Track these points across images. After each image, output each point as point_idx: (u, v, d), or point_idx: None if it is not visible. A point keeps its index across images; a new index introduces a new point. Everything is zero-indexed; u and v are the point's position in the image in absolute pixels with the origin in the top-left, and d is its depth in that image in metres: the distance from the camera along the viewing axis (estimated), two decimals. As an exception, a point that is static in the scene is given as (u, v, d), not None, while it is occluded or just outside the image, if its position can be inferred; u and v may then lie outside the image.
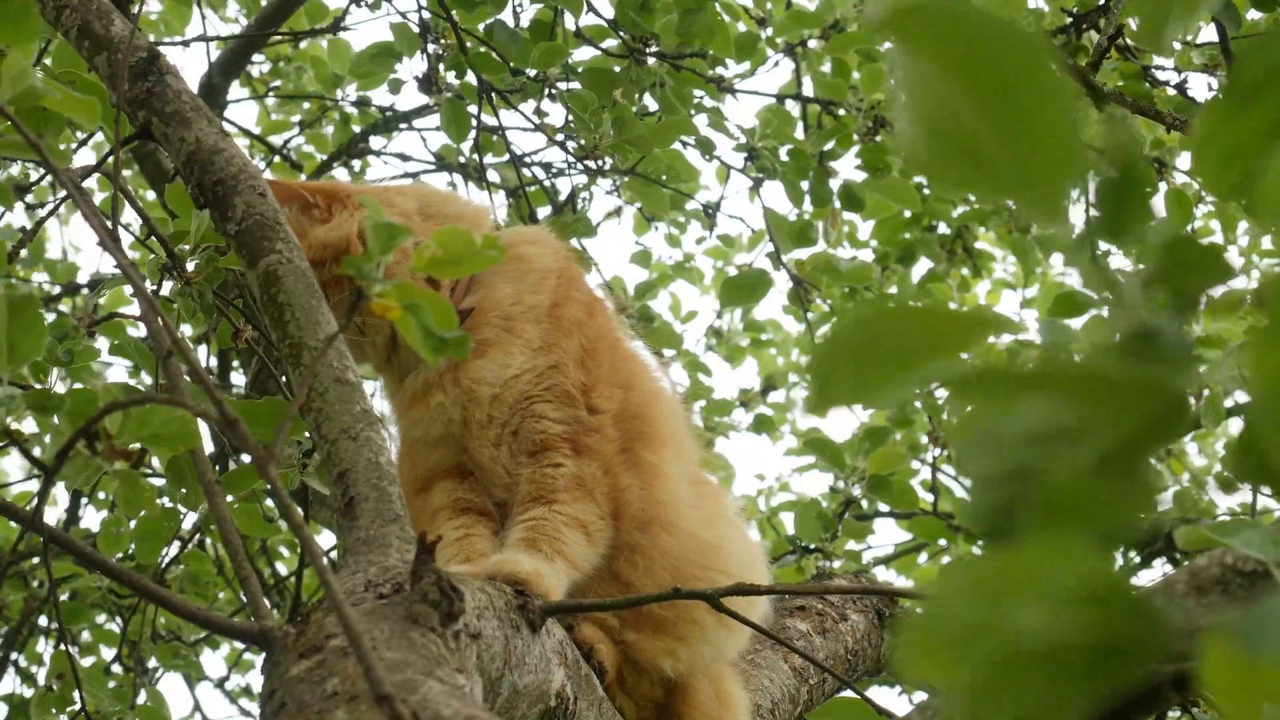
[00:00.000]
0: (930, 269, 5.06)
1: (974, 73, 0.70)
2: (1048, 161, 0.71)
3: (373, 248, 1.31)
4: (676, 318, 5.64)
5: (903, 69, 0.72)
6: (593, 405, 2.34)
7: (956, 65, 0.70)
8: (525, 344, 2.34)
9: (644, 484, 2.35)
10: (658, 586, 2.30)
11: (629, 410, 2.38)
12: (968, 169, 0.73)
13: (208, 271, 2.45)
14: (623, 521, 2.32)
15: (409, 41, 3.67)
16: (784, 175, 4.22)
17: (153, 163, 4.59)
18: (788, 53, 4.47)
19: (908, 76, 0.72)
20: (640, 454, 2.37)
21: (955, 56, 0.70)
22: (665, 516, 2.35)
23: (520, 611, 1.89)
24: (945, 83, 0.71)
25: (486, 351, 2.34)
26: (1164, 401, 0.70)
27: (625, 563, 2.31)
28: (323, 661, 1.43)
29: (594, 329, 2.43)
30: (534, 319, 2.38)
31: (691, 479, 2.48)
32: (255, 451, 1.32)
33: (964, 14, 0.69)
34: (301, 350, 1.96)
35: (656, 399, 2.48)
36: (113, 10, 2.38)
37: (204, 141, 2.21)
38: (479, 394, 2.32)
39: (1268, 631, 0.60)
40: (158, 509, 1.91)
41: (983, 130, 0.71)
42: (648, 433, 2.40)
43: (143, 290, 1.66)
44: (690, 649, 2.38)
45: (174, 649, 4.05)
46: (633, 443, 2.37)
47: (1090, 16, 3.34)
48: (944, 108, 0.71)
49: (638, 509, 2.33)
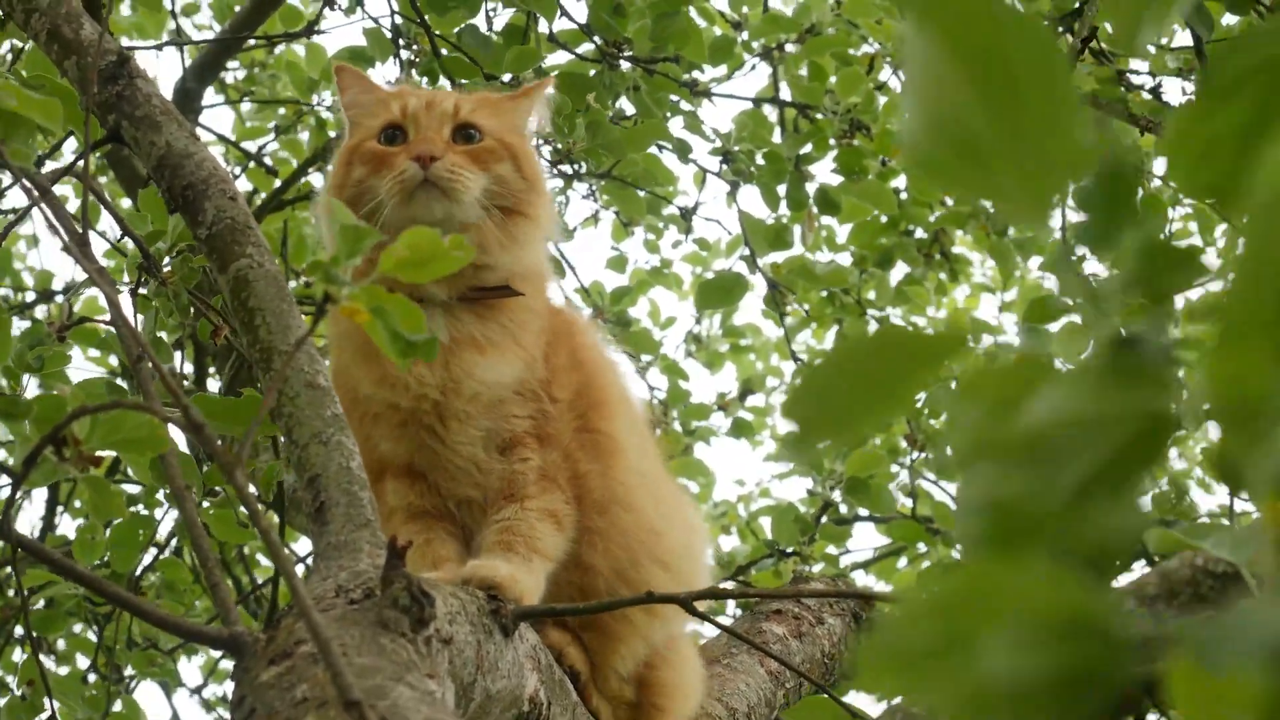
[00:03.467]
0: (908, 273, 5.06)
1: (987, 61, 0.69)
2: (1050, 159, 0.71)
3: (340, 250, 1.31)
4: (655, 324, 5.64)
5: (914, 50, 0.71)
6: (553, 395, 2.31)
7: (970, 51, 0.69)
8: (523, 354, 2.30)
9: (604, 465, 2.34)
10: (613, 567, 2.31)
11: (582, 384, 2.36)
12: (966, 164, 0.72)
13: (183, 272, 2.44)
14: (585, 505, 2.31)
15: (381, 46, 3.66)
16: (760, 179, 4.22)
17: (127, 168, 4.58)
18: (764, 56, 4.47)
19: (918, 59, 0.71)
20: (597, 425, 2.35)
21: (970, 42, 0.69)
22: (623, 496, 2.35)
23: (493, 616, 1.88)
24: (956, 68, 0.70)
25: (487, 350, 2.27)
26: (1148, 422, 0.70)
27: (585, 545, 2.30)
28: (292, 667, 1.42)
29: (554, 320, 2.40)
30: (536, 328, 2.33)
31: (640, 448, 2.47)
32: (222, 456, 1.31)
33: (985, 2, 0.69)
34: (272, 354, 1.95)
35: (606, 368, 2.46)
36: (82, 14, 2.37)
37: (174, 146, 2.20)
38: (463, 387, 2.25)
39: (1228, 644, 0.60)
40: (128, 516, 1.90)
41: (987, 121, 0.71)
42: (600, 400, 2.37)
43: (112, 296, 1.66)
44: (629, 646, 2.38)
45: (150, 656, 4.03)
46: (588, 413, 2.35)
47: (1064, 20, 3.34)
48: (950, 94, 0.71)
49: (599, 494, 2.32)
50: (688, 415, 5.36)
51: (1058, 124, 0.70)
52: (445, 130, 2.27)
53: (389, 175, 2.21)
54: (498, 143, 2.29)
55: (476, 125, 2.29)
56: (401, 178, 2.20)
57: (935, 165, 0.72)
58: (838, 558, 4.82)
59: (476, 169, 2.25)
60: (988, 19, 0.69)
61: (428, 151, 2.20)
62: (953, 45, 0.69)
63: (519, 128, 2.36)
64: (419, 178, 2.20)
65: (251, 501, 1.30)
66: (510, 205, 2.27)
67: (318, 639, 1.13)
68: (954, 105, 0.70)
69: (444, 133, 2.27)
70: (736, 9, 4.40)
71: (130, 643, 3.96)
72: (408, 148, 2.24)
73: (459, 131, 2.28)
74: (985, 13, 0.69)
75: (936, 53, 0.70)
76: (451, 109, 2.29)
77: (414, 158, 2.20)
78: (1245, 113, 0.72)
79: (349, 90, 2.39)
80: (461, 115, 2.29)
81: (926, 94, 0.71)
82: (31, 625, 3.08)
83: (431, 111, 2.28)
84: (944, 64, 0.70)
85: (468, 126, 2.29)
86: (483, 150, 2.27)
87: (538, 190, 2.33)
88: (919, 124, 0.71)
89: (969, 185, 0.72)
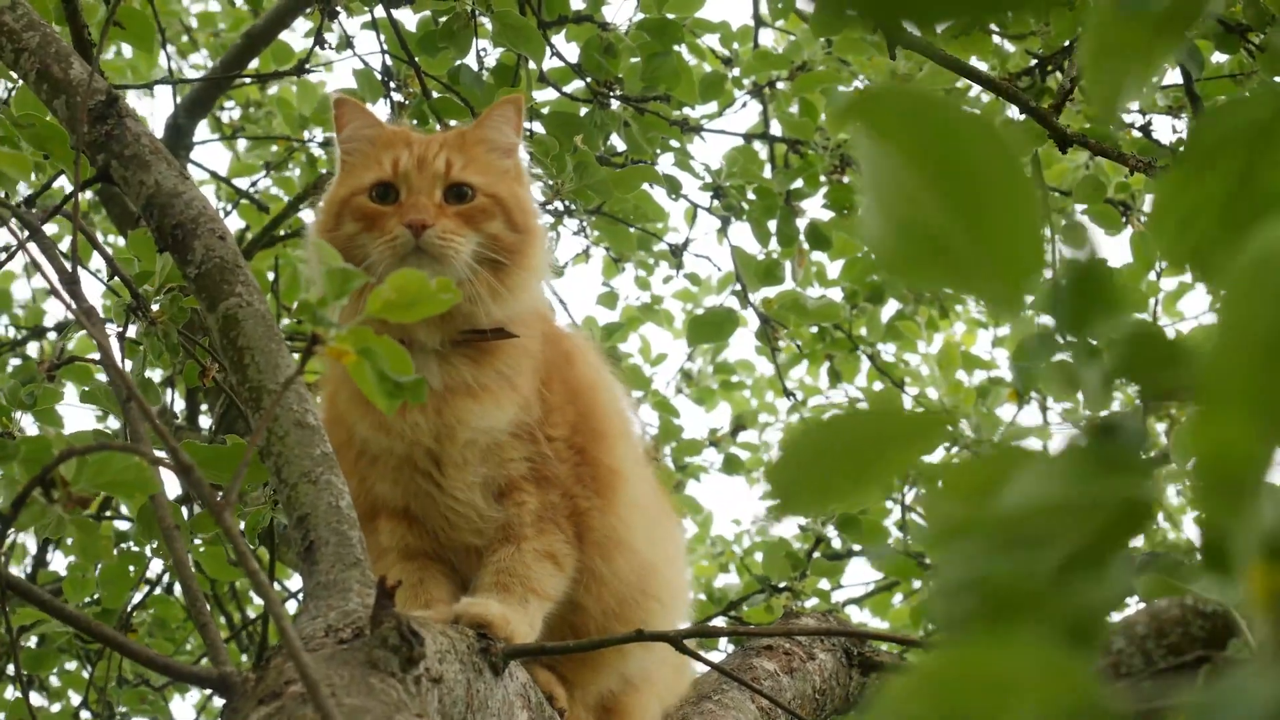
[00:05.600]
0: (899, 309, 5.07)
1: (940, 164, 0.70)
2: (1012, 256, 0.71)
3: (327, 292, 1.31)
4: (646, 360, 5.64)
5: (868, 158, 0.71)
6: (549, 434, 2.31)
7: (922, 156, 0.70)
8: (518, 398, 2.29)
9: (605, 500, 2.34)
10: (603, 609, 2.32)
11: (580, 416, 2.36)
12: (932, 262, 0.72)
13: (172, 311, 2.44)
14: (586, 544, 2.31)
15: (372, 88, 3.67)
16: (751, 215, 4.23)
17: (119, 205, 4.58)
18: (755, 93, 4.48)
19: (873, 166, 0.71)
20: (597, 457, 2.35)
21: (921, 147, 0.70)
22: (624, 536, 2.35)
23: (483, 655, 1.88)
24: (911, 173, 0.70)
25: (481, 396, 2.27)
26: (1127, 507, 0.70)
27: (581, 588, 2.31)
28: (282, 708, 1.42)
29: (549, 353, 2.40)
30: (530, 370, 2.33)
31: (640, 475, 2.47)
32: (210, 498, 1.31)
33: (932, 104, 0.69)
34: (262, 394, 1.95)
35: (606, 397, 2.45)
36: (71, 53, 2.37)
37: (163, 185, 2.20)
38: (457, 434, 2.24)
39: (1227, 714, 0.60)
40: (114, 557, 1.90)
41: (948, 223, 0.71)
42: (599, 430, 2.37)
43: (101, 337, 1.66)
44: (603, 678, 2.40)
45: (141, 694, 4.02)
46: (587, 447, 2.34)
47: (1055, 58, 3.35)
48: (909, 199, 0.71)
49: (600, 534, 2.32)
50: (680, 452, 5.36)
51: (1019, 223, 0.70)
52: (437, 192, 2.27)
53: (381, 238, 2.22)
54: (489, 199, 2.29)
55: (468, 184, 2.29)
56: (394, 243, 2.21)
57: (902, 265, 0.72)
58: (829, 593, 4.82)
59: (468, 230, 2.25)
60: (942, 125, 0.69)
61: (419, 220, 2.21)
62: (908, 151, 0.70)
63: (507, 169, 2.36)
64: (410, 244, 2.21)
65: (241, 542, 1.30)
66: (502, 260, 2.27)
67: (306, 679, 1.13)
68: (914, 208, 0.71)
69: (435, 195, 2.27)
70: (727, 45, 4.41)
71: (121, 680, 3.95)
72: (400, 210, 2.24)
73: (450, 191, 2.29)
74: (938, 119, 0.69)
75: (893, 159, 0.70)
76: (443, 168, 2.28)
77: (406, 224, 2.21)
78: (1225, 181, 0.73)
79: (349, 123, 2.38)
80: (453, 175, 2.28)
81: (886, 197, 0.71)
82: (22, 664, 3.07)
83: (424, 172, 2.28)
84: (901, 169, 0.70)
85: (459, 185, 2.29)
86: (474, 210, 2.28)
87: (530, 238, 2.33)
88: (881, 226, 0.72)
89: (938, 282, 0.73)
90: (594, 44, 3.64)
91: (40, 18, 2.42)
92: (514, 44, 3.36)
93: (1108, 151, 2.98)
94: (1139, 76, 0.79)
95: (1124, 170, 3.63)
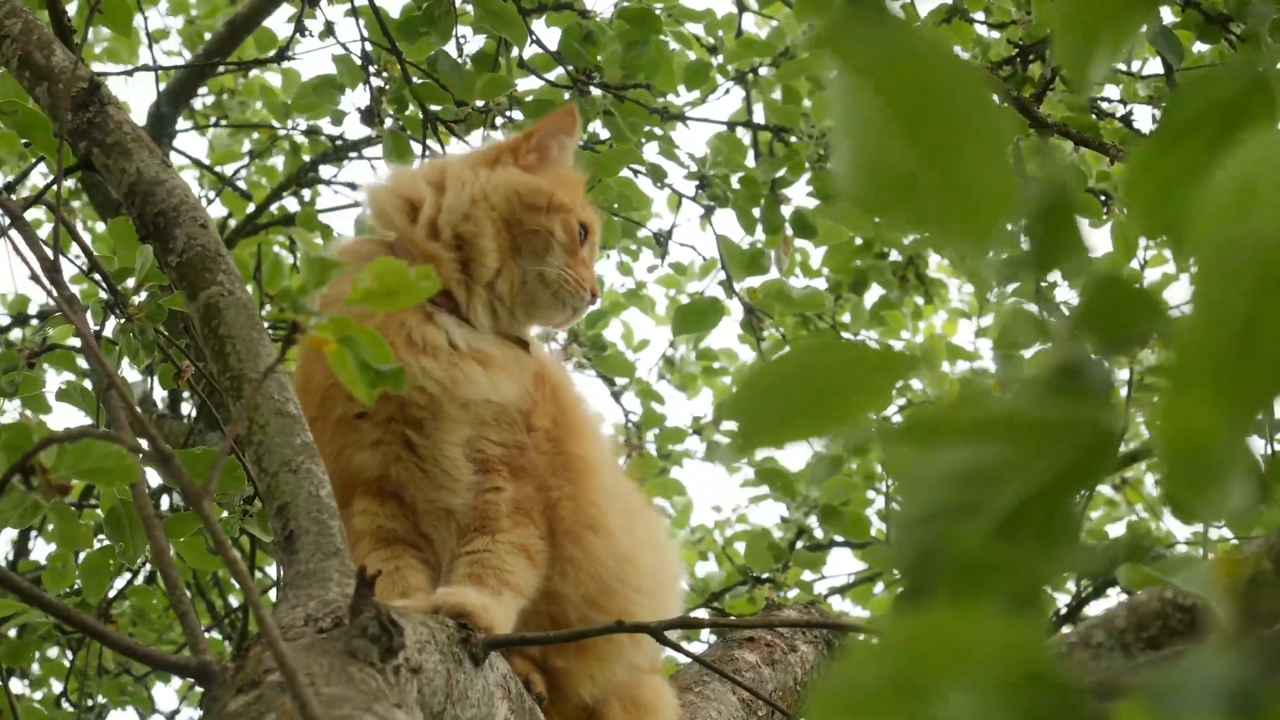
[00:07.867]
0: (882, 296, 5.06)
1: (910, 100, 0.69)
2: (982, 196, 0.71)
3: (307, 280, 1.31)
4: (629, 347, 5.64)
5: (838, 92, 0.71)
6: (532, 424, 2.34)
7: (893, 91, 0.69)
8: (520, 386, 2.36)
9: (576, 487, 2.37)
10: (583, 595, 2.33)
11: (557, 413, 2.41)
12: (899, 200, 0.72)
13: (150, 309, 2.43)
14: (557, 535, 2.33)
15: (351, 73, 3.66)
16: (735, 203, 4.23)
17: (102, 192, 4.57)
18: (738, 80, 4.48)
19: (843, 101, 0.71)
20: (569, 447, 2.40)
21: (892, 81, 0.69)
22: (596, 519, 2.37)
23: (463, 645, 1.88)
24: (881, 109, 0.70)
25: (492, 368, 2.34)
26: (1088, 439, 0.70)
27: (557, 574, 2.32)
28: (260, 697, 1.42)
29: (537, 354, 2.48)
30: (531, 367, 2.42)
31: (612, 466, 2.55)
32: (189, 487, 1.30)
33: (904, 37, 0.69)
34: (242, 383, 1.94)
35: (577, 401, 2.53)
36: (54, 41, 2.36)
37: (145, 173, 2.19)
38: (459, 389, 2.29)
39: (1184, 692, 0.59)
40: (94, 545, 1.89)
41: (917, 161, 0.70)
42: (571, 424, 2.43)
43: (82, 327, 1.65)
44: (607, 670, 2.40)
45: (122, 684, 4.02)
46: (561, 439, 2.39)
47: (1036, 47, 3.36)
48: (878, 135, 0.70)
49: (570, 521, 2.34)
50: (663, 439, 5.35)
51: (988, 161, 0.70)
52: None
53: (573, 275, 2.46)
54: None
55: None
56: (578, 294, 2.48)
57: (871, 204, 0.72)
58: (812, 584, 4.82)
59: None
60: (912, 61, 0.69)
61: (596, 293, 2.53)
62: (878, 88, 0.70)
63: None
64: (586, 302, 2.50)
65: (219, 532, 1.30)
66: None
67: (285, 668, 1.13)
68: (884, 147, 0.70)
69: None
70: (711, 32, 4.41)
71: (101, 669, 3.95)
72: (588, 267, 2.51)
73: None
74: (909, 55, 0.69)
75: (863, 96, 0.70)
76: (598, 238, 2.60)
77: (591, 291, 2.50)
78: (1200, 152, 0.73)
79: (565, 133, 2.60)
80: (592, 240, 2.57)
81: (856, 136, 0.71)
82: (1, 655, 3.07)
83: (592, 240, 2.55)
84: (871, 107, 0.70)
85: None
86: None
87: None
88: (852, 165, 0.71)
89: (906, 222, 0.73)
90: (573, 32, 3.64)
91: (22, 4, 2.41)
92: (495, 28, 3.37)
93: (1089, 141, 2.99)
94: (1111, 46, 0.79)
95: (1105, 160, 3.63)
